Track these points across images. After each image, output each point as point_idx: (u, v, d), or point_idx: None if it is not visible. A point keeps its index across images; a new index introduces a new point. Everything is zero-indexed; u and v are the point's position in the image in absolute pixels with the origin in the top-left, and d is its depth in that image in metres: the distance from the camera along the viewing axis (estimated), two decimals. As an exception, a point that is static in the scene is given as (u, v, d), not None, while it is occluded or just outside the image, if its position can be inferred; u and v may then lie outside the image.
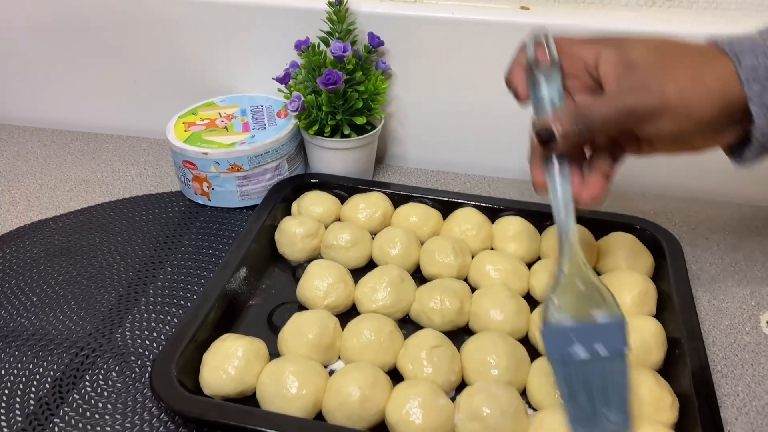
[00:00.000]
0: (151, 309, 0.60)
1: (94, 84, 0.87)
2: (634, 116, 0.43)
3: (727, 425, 0.50)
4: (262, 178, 0.71)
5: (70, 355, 0.55)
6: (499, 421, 0.45)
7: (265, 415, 0.47)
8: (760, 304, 0.61)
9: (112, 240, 0.68)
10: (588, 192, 0.47)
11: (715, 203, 0.74)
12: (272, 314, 0.59)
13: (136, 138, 0.87)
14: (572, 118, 0.44)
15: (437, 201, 0.69)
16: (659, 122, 0.42)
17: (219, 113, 0.75)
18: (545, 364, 0.51)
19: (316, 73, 0.69)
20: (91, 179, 0.78)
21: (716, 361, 0.55)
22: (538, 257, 0.64)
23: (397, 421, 0.47)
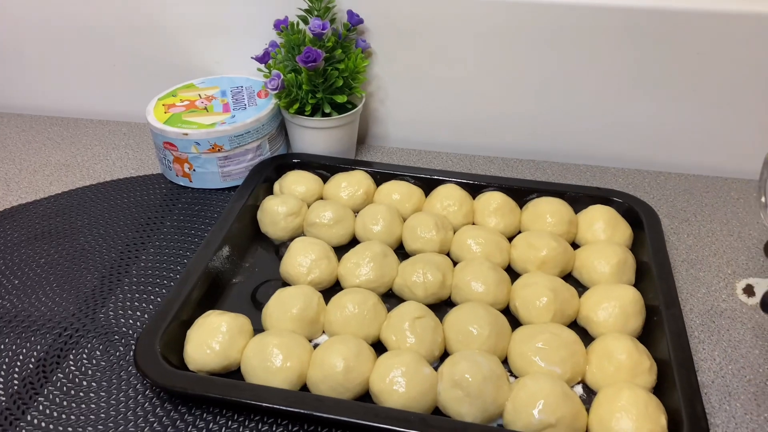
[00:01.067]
0: (134, 289, 0.60)
1: (73, 69, 0.86)
2: None
3: (704, 388, 0.51)
4: (244, 158, 0.71)
5: (54, 336, 0.55)
6: (481, 387, 0.46)
7: (250, 388, 0.48)
8: (736, 272, 0.62)
9: (93, 223, 0.68)
10: None
11: (691, 176, 0.76)
12: (256, 292, 0.59)
13: (116, 122, 0.86)
14: None
15: (419, 178, 0.69)
16: None
17: (199, 95, 0.75)
18: (525, 332, 0.52)
19: (296, 52, 0.69)
20: (72, 163, 0.78)
21: (693, 328, 0.56)
22: (518, 231, 0.65)
23: (381, 390, 0.47)
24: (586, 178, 0.76)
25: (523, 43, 0.72)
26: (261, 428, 0.48)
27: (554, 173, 0.77)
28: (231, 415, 0.49)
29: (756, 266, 0.63)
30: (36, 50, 0.84)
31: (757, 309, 0.58)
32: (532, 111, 0.77)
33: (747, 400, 0.50)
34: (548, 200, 0.65)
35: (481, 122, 0.79)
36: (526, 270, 0.59)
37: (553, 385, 0.46)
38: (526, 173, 0.77)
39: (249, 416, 0.48)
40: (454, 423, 0.45)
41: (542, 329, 0.51)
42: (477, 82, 0.76)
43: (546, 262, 0.59)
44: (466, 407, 0.46)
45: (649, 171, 0.77)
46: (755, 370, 0.52)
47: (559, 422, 0.44)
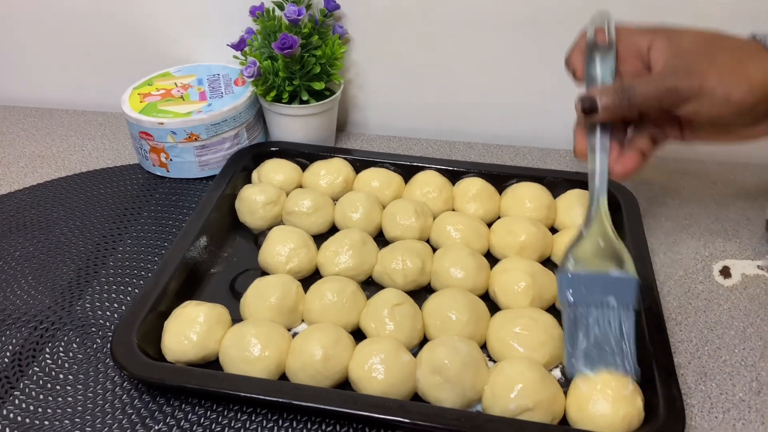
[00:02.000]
0: (111, 281, 0.59)
1: (46, 58, 0.84)
2: (674, 96, 0.45)
3: (680, 369, 0.51)
4: (221, 147, 0.70)
5: (29, 329, 0.54)
6: (460, 373, 0.46)
7: (228, 378, 0.47)
8: (713, 255, 0.63)
9: (69, 214, 0.67)
10: (621, 165, 0.50)
11: (670, 160, 0.76)
12: (234, 281, 0.59)
13: (91, 112, 0.85)
14: (615, 92, 0.46)
15: (399, 165, 0.69)
16: (697, 104, 0.45)
17: (175, 83, 0.74)
18: (504, 318, 0.52)
19: (272, 39, 0.68)
20: (47, 155, 0.77)
21: (671, 310, 0.57)
22: (498, 216, 0.65)
23: (360, 378, 0.47)
24: (566, 162, 0.76)
25: (503, 27, 0.72)
26: (240, 418, 0.48)
27: (534, 158, 0.77)
28: (210, 406, 0.48)
29: (733, 248, 0.63)
30: (8, 40, 0.83)
31: (734, 290, 0.59)
32: (512, 96, 0.77)
33: (722, 380, 0.51)
34: (527, 185, 0.65)
35: (460, 108, 0.79)
36: (505, 255, 0.59)
37: (530, 370, 0.46)
38: (505, 159, 0.77)
39: (228, 406, 0.48)
40: (433, 408, 0.46)
41: (520, 314, 0.52)
42: (456, 67, 0.76)
43: (525, 248, 0.59)
44: (445, 393, 0.46)
45: (628, 155, 0.77)
46: (731, 351, 0.53)
47: (536, 406, 0.44)
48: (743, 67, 0.44)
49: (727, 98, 0.44)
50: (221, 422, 0.47)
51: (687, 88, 0.45)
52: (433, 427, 0.44)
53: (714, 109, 0.45)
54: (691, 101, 0.45)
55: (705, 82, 0.44)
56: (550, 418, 0.45)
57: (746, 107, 0.44)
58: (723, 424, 0.48)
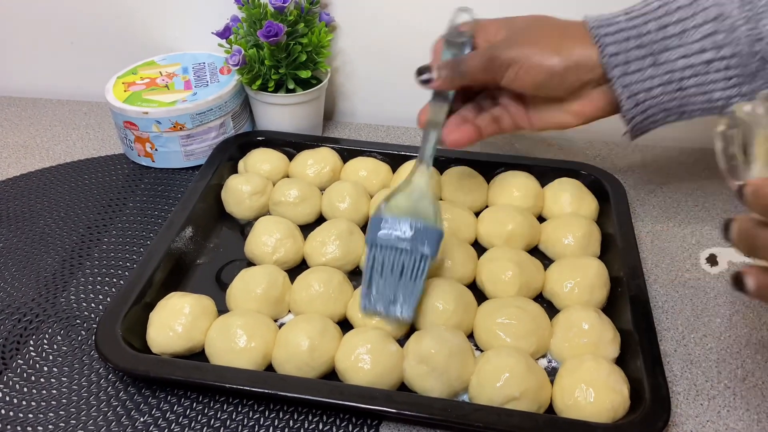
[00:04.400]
0: (96, 272, 0.59)
1: (29, 47, 0.83)
2: (494, 63, 0.49)
3: (667, 357, 0.51)
4: (207, 136, 0.69)
5: (13, 321, 0.54)
6: (446, 362, 0.46)
7: (213, 369, 0.47)
8: (700, 242, 0.63)
9: (53, 205, 0.66)
10: (453, 135, 0.53)
11: (658, 148, 0.76)
12: (220, 272, 0.58)
13: (75, 102, 0.84)
14: (449, 64, 0.51)
15: (386, 154, 0.69)
16: (514, 70, 0.48)
17: (160, 72, 0.73)
18: (490, 307, 0.52)
19: (257, 26, 0.67)
20: (30, 145, 0.76)
21: (657, 298, 0.57)
22: (486, 205, 0.64)
23: (347, 368, 0.47)
24: (554, 151, 0.76)
25: (488, 14, 0.71)
26: (226, 409, 0.47)
27: (522, 147, 0.76)
28: (195, 397, 0.48)
29: (720, 236, 0.63)
30: (-11, 28, 0.82)
31: (720, 278, 0.59)
32: (500, 84, 0.76)
33: (708, 368, 0.51)
34: (515, 174, 0.65)
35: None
36: (492, 244, 0.59)
37: (516, 359, 0.46)
38: (493, 148, 0.76)
39: (214, 398, 0.48)
40: (419, 398, 0.46)
41: (507, 303, 0.51)
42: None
43: (512, 237, 0.59)
44: (432, 382, 0.46)
45: (616, 143, 0.77)
46: (716, 338, 0.53)
47: (523, 395, 0.44)
48: (560, 42, 0.48)
49: (540, 64, 0.47)
50: (207, 413, 0.47)
51: (506, 57, 0.48)
52: (419, 416, 0.44)
53: (528, 75, 0.48)
54: (511, 68, 0.48)
55: (522, 51, 0.48)
56: (536, 406, 0.45)
57: (556, 74, 0.48)
58: (708, 411, 0.48)
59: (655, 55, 0.46)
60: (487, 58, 0.49)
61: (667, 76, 0.46)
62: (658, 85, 0.46)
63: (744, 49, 0.43)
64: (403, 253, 0.49)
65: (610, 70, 0.47)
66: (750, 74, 0.44)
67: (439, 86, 0.52)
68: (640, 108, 0.48)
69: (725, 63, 0.44)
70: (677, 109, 0.48)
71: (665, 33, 0.46)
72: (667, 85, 0.46)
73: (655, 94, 0.47)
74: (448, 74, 0.51)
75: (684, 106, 0.47)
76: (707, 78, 0.45)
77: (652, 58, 0.46)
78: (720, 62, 0.44)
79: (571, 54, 0.47)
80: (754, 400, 0.48)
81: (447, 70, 0.51)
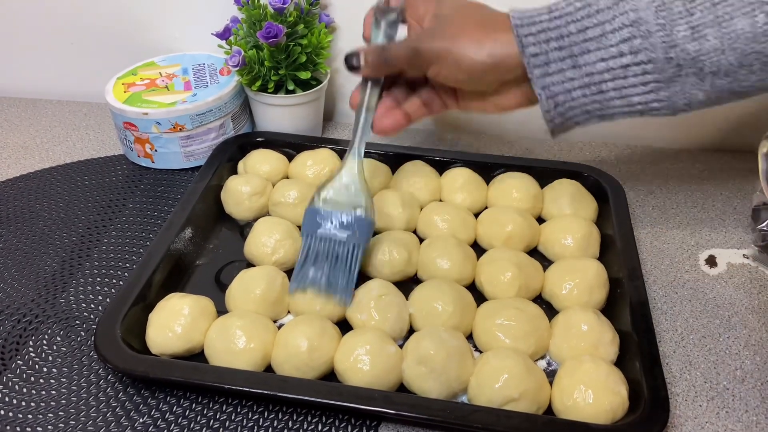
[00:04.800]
0: (96, 273, 0.59)
1: (30, 48, 0.83)
2: (418, 57, 0.49)
3: (665, 358, 0.52)
4: (207, 137, 0.69)
5: (12, 322, 0.54)
6: (445, 363, 0.46)
7: (213, 370, 0.47)
8: (699, 244, 0.63)
9: (53, 206, 0.66)
10: (381, 122, 0.53)
11: (657, 149, 0.76)
12: (220, 273, 0.58)
13: (76, 102, 0.84)
14: (375, 51, 0.50)
15: (386, 155, 0.69)
16: (438, 67, 0.48)
17: (160, 73, 0.73)
18: (490, 308, 0.52)
19: (257, 28, 0.67)
20: (30, 145, 0.76)
21: (657, 299, 0.57)
22: (485, 206, 0.64)
23: (346, 369, 0.47)
24: (553, 152, 0.76)
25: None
26: (225, 410, 0.47)
27: (522, 148, 0.76)
28: (195, 398, 0.48)
29: (719, 237, 0.64)
30: (-11, 29, 0.82)
31: (719, 279, 0.59)
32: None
33: (707, 369, 0.51)
34: (514, 175, 0.65)
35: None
36: (492, 246, 0.59)
37: (515, 360, 0.46)
38: (493, 149, 0.76)
39: (213, 398, 0.48)
40: (418, 399, 0.46)
41: (506, 304, 0.52)
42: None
43: (511, 238, 0.59)
44: (431, 383, 0.46)
45: (615, 144, 0.77)
46: (715, 340, 0.53)
47: (522, 396, 0.45)
48: (482, 38, 0.47)
49: (458, 64, 0.47)
50: (206, 414, 0.47)
51: (428, 51, 0.48)
52: (418, 417, 0.44)
53: (450, 72, 0.48)
54: (433, 64, 0.48)
55: (442, 47, 0.48)
56: (535, 408, 0.45)
57: (475, 74, 0.47)
58: (707, 412, 0.48)
59: (574, 57, 0.45)
60: (411, 51, 0.49)
61: (586, 78, 0.45)
62: (578, 87, 0.46)
63: (659, 55, 0.43)
64: (338, 243, 0.52)
65: (530, 70, 0.46)
66: (667, 79, 0.44)
67: (367, 74, 0.52)
68: (560, 110, 0.47)
69: (642, 68, 0.44)
70: (598, 112, 0.47)
71: (585, 35, 0.45)
72: (587, 87, 0.46)
73: (574, 96, 0.46)
74: (375, 61, 0.50)
75: (604, 109, 0.47)
76: (626, 82, 0.45)
77: (572, 60, 0.45)
78: (637, 67, 0.44)
79: (493, 53, 0.47)
80: (753, 402, 0.48)
81: (374, 56, 0.50)
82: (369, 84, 0.52)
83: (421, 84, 0.54)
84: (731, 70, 0.42)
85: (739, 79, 0.43)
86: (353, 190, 0.53)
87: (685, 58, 0.42)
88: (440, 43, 0.48)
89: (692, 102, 0.45)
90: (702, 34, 0.41)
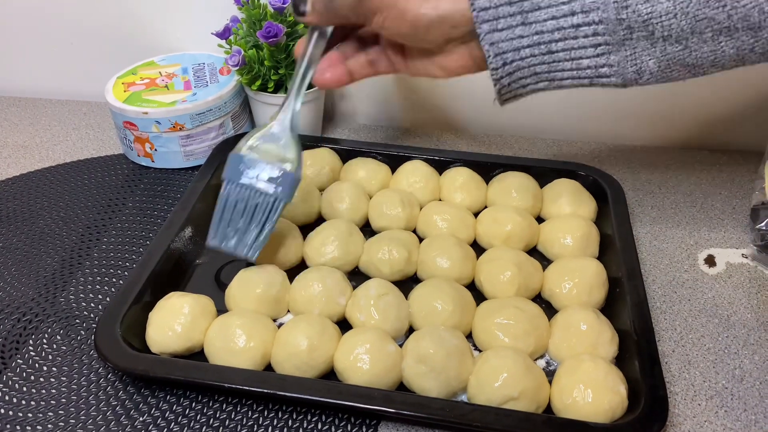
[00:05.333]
0: (96, 272, 0.59)
1: (30, 47, 0.83)
2: (363, 5, 0.46)
3: (664, 357, 0.52)
4: (206, 136, 0.69)
5: (12, 321, 0.54)
6: (445, 362, 0.46)
7: (212, 369, 0.47)
8: (698, 243, 0.63)
9: (53, 205, 0.66)
10: (324, 76, 0.52)
11: (656, 148, 0.76)
12: (220, 272, 0.58)
13: (75, 102, 0.84)
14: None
15: (385, 155, 0.69)
16: (382, 17, 0.46)
17: (159, 72, 0.73)
18: (489, 307, 0.52)
19: (257, 27, 0.67)
20: (30, 145, 0.76)
21: (656, 299, 0.57)
22: (485, 206, 0.65)
23: (345, 368, 0.47)
24: (553, 152, 0.76)
25: None
26: (225, 409, 0.48)
27: (521, 148, 0.77)
28: (195, 397, 0.48)
29: (718, 237, 0.64)
30: (-11, 28, 0.82)
31: (718, 279, 0.59)
32: (499, 85, 0.76)
33: (706, 368, 0.51)
34: (514, 175, 0.65)
35: (447, 97, 0.79)
36: (491, 245, 0.59)
37: (515, 359, 0.46)
38: (492, 148, 0.77)
39: (213, 397, 0.48)
40: (418, 398, 0.46)
41: (506, 303, 0.52)
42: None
43: (511, 237, 0.59)
44: (430, 382, 0.46)
45: (614, 144, 0.77)
46: (714, 339, 0.53)
47: (521, 395, 0.45)
48: None
49: (402, 15, 0.45)
50: (206, 413, 0.47)
51: (373, 1, 0.46)
52: (418, 416, 0.44)
53: (393, 24, 0.46)
54: (378, 14, 0.46)
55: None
56: (534, 407, 0.45)
57: (420, 27, 0.45)
58: (706, 411, 0.48)
59: (524, 14, 0.43)
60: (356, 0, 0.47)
61: (536, 37, 0.44)
62: (527, 45, 0.44)
63: (611, 15, 0.41)
64: (258, 194, 0.51)
65: (478, 25, 0.44)
66: (617, 42, 0.42)
67: (312, 21, 0.49)
68: (507, 69, 0.45)
69: (593, 29, 0.42)
70: (546, 75, 0.45)
71: None
72: (536, 47, 0.44)
73: (523, 55, 0.44)
74: (321, 7, 0.48)
75: (553, 72, 0.45)
76: (576, 43, 0.43)
77: (522, 16, 0.43)
78: (588, 27, 0.42)
79: (438, 5, 0.44)
80: (752, 401, 0.49)
81: (321, 2, 0.48)
82: (315, 33, 0.50)
83: (372, 43, 0.52)
84: (682, 37, 0.41)
85: (690, 47, 0.41)
86: (282, 142, 0.52)
87: (637, 20, 0.41)
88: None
89: (642, 70, 0.43)
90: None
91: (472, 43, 0.46)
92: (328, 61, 0.52)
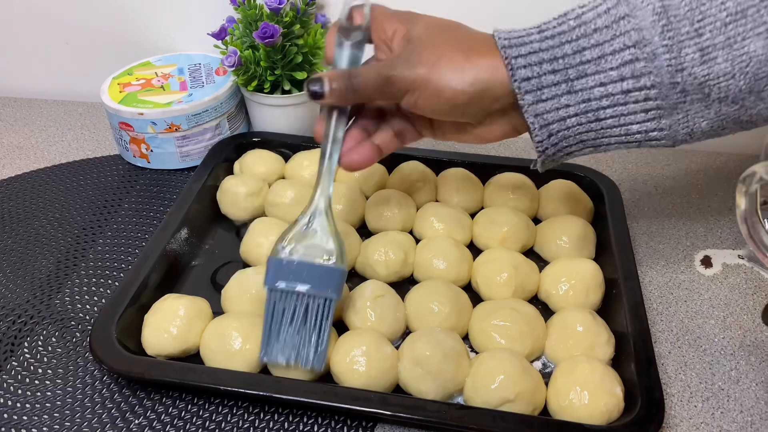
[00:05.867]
0: (91, 273, 0.58)
1: (25, 47, 0.83)
2: (391, 86, 0.43)
3: (661, 358, 0.52)
4: (202, 137, 0.69)
5: (7, 323, 0.54)
6: (441, 365, 0.46)
7: (208, 371, 0.47)
8: (695, 244, 0.63)
9: (48, 206, 0.66)
10: (349, 157, 0.47)
11: (653, 151, 0.76)
12: (216, 274, 0.58)
13: (71, 102, 0.84)
14: (341, 77, 0.44)
15: (382, 156, 0.68)
16: (414, 96, 0.43)
17: (155, 73, 0.73)
18: (485, 309, 0.52)
19: (253, 28, 0.67)
20: (25, 145, 0.76)
21: (652, 300, 0.57)
22: (481, 207, 0.64)
23: (342, 370, 0.47)
24: (550, 152, 0.76)
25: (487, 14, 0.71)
26: (221, 411, 0.47)
27: (518, 149, 0.77)
28: (190, 399, 0.48)
29: (714, 238, 0.64)
30: (-16, 28, 0.81)
31: (714, 280, 0.59)
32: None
33: (702, 369, 0.51)
34: (510, 176, 0.65)
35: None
36: (488, 246, 0.59)
37: (511, 361, 0.46)
38: (489, 149, 0.76)
39: (208, 399, 0.48)
40: (414, 400, 0.46)
41: (502, 305, 0.52)
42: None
43: (507, 238, 0.59)
44: (427, 384, 0.46)
45: (611, 145, 0.77)
46: (710, 341, 0.53)
47: (517, 397, 0.45)
48: (464, 63, 0.42)
49: (438, 94, 0.42)
50: (202, 416, 0.47)
51: (403, 79, 0.42)
52: (414, 419, 0.44)
53: (428, 103, 0.43)
54: (409, 93, 0.43)
55: (420, 75, 0.42)
56: (531, 409, 0.45)
57: (458, 105, 0.43)
58: (702, 413, 0.48)
59: (570, 82, 0.41)
60: (383, 79, 0.43)
61: (583, 105, 0.41)
62: (574, 114, 0.42)
63: (665, 79, 0.39)
64: (306, 298, 0.46)
65: (521, 96, 0.42)
66: (670, 107, 0.40)
67: (331, 103, 0.45)
68: (553, 139, 0.43)
69: (644, 94, 0.40)
70: (593, 142, 0.43)
71: (582, 57, 0.40)
72: (583, 115, 0.42)
73: (569, 124, 0.42)
74: (340, 89, 0.43)
75: (600, 138, 0.43)
76: (625, 109, 0.41)
77: (567, 85, 0.41)
78: (639, 93, 0.40)
79: (477, 80, 0.42)
80: (748, 402, 0.49)
81: (339, 83, 0.43)
82: (335, 113, 0.46)
83: (393, 111, 0.49)
84: (740, 97, 0.39)
85: (746, 107, 0.39)
86: (319, 234, 0.47)
87: (692, 83, 0.39)
88: (417, 70, 0.42)
89: (694, 131, 0.41)
90: (712, 56, 0.38)
91: (512, 113, 0.44)
92: (352, 140, 0.47)
